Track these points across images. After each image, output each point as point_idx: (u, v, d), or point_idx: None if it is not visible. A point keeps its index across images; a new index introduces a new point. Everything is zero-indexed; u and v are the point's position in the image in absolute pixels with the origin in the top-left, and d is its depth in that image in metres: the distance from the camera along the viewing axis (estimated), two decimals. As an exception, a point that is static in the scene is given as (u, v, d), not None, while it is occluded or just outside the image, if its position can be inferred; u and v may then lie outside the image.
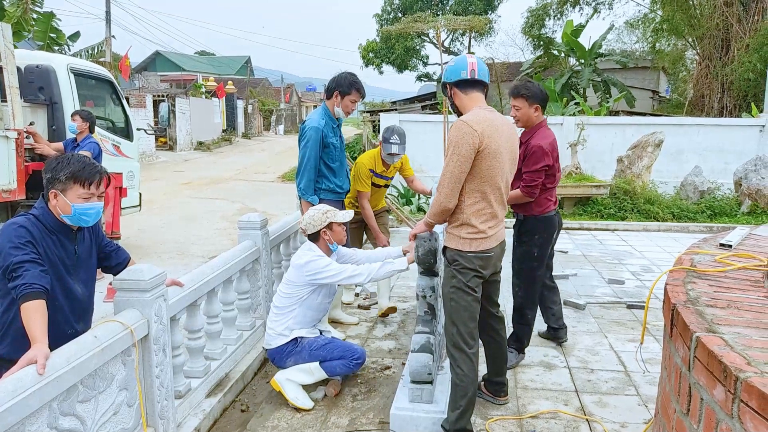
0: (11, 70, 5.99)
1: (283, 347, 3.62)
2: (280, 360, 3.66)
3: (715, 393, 1.54)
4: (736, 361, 1.49)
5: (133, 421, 2.74)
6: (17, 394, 1.98)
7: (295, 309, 3.63)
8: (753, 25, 19.43)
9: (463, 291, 2.94)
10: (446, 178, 2.84)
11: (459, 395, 2.93)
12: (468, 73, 2.98)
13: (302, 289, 3.60)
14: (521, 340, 4.07)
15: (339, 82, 4.25)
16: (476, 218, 2.91)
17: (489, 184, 2.89)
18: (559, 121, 12.08)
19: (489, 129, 2.83)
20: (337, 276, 3.55)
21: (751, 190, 10.18)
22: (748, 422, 1.37)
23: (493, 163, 2.85)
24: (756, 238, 3.03)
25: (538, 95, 3.84)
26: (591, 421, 3.29)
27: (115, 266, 2.83)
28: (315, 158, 4.20)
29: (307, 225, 3.68)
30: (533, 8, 25.63)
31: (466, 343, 2.95)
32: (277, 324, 3.65)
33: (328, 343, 3.65)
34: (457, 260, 2.95)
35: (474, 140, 2.78)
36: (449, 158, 2.83)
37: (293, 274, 3.65)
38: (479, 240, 2.93)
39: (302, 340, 3.62)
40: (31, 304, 2.23)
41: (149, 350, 2.81)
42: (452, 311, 2.98)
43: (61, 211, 2.47)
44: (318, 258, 3.58)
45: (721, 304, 1.95)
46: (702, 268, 2.37)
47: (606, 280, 6.35)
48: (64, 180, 2.43)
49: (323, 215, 3.67)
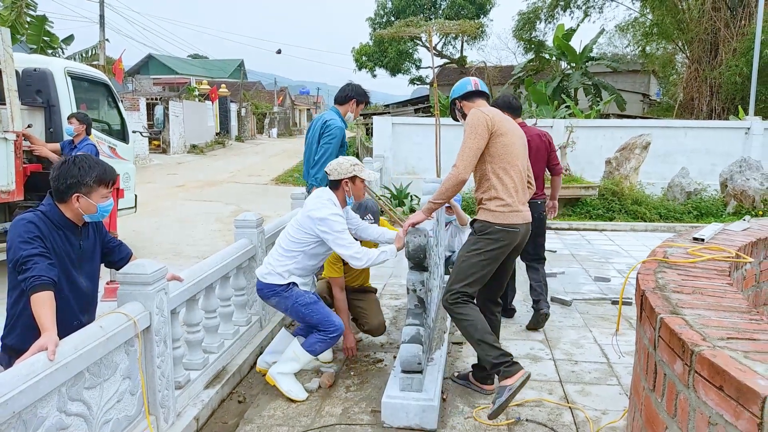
0: (10, 73, 6.10)
1: (275, 286, 3.68)
2: (265, 295, 3.75)
3: (675, 367, 1.69)
4: (693, 337, 1.64)
5: (135, 408, 2.86)
6: (30, 378, 2.11)
7: (300, 255, 3.68)
8: (740, 30, 19.76)
9: (479, 254, 3.34)
10: (465, 152, 3.29)
11: (475, 336, 3.29)
12: (472, 86, 3.59)
13: (311, 238, 3.65)
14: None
15: (357, 91, 4.79)
16: (505, 192, 3.35)
17: (509, 162, 3.36)
18: (549, 124, 12.27)
19: (498, 117, 3.39)
20: (344, 248, 3.56)
21: (736, 191, 10.39)
22: (701, 390, 1.52)
23: (507, 141, 3.35)
24: (728, 233, 3.20)
25: (499, 104, 4.35)
26: (574, 408, 3.45)
27: (117, 261, 2.96)
28: (335, 154, 4.56)
29: (332, 170, 3.71)
30: (523, 11, 25.89)
31: (456, 302, 3.34)
32: (278, 264, 3.70)
33: (313, 303, 3.69)
34: (483, 230, 3.36)
35: (488, 121, 3.31)
36: (468, 136, 3.30)
37: (306, 222, 3.65)
38: (508, 213, 3.34)
39: (293, 289, 3.69)
40: (40, 295, 2.36)
41: (151, 341, 2.93)
42: (462, 270, 3.37)
43: (84, 211, 2.60)
44: (336, 218, 3.58)
45: (687, 290, 2.11)
46: (673, 260, 2.53)
47: (593, 277, 6.52)
48: (92, 184, 2.57)
49: (351, 166, 3.71)
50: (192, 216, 10.99)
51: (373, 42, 30.69)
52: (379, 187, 11.21)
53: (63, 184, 2.55)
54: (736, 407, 1.37)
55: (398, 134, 12.89)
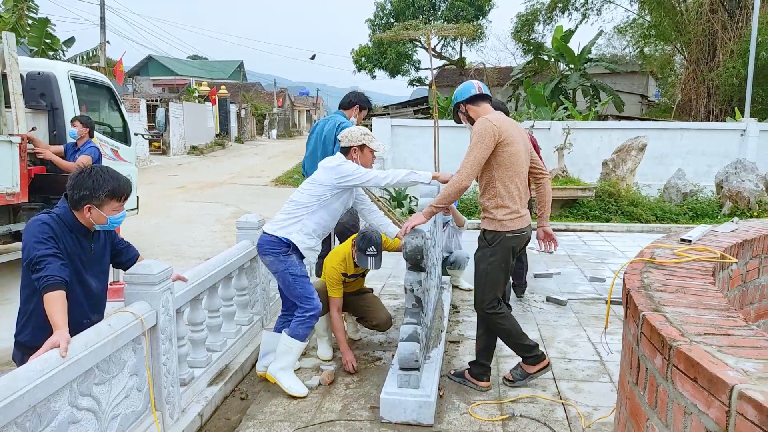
0: (15, 77, 6.21)
1: (275, 243, 3.73)
2: (264, 251, 3.79)
3: (655, 361, 1.79)
4: (672, 333, 1.74)
5: (142, 404, 2.97)
6: (44, 373, 2.21)
7: (312, 207, 3.75)
8: (737, 32, 19.90)
9: (499, 267, 3.59)
10: (470, 160, 3.41)
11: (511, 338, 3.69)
12: (476, 90, 3.69)
13: (327, 191, 3.74)
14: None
15: (360, 98, 5.18)
16: (511, 200, 3.52)
17: (514, 170, 3.52)
18: (546, 126, 12.40)
19: (505, 125, 3.50)
20: (365, 177, 3.71)
21: (732, 192, 10.51)
22: (678, 382, 1.63)
23: (513, 150, 3.48)
24: (716, 235, 3.30)
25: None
26: (566, 404, 3.55)
27: (125, 262, 3.06)
28: None
29: (343, 137, 3.89)
30: (522, 13, 26.02)
31: (493, 307, 3.63)
32: (287, 218, 3.76)
33: (302, 276, 3.77)
34: (496, 240, 3.55)
35: (495, 132, 3.42)
36: (474, 145, 3.42)
37: (321, 175, 3.79)
38: (514, 220, 3.53)
39: (291, 256, 3.74)
40: (53, 294, 2.46)
41: (157, 339, 3.04)
42: (486, 284, 3.62)
43: (95, 222, 2.70)
44: (348, 162, 3.79)
45: (670, 289, 2.21)
46: (660, 260, 2.63)
47: (588, 278, 6.63)
48: (104, 197, 2.66)
49: (361, 134, 3.87)
50: (192, 217, 11.09)
51: (372, 44, 30.79)
52: (379, 189, 11.31)
53: (77, 194, 2.64)
54: (707, 397, 1.47)
55: (397, 136, 13.02)
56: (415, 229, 3.53)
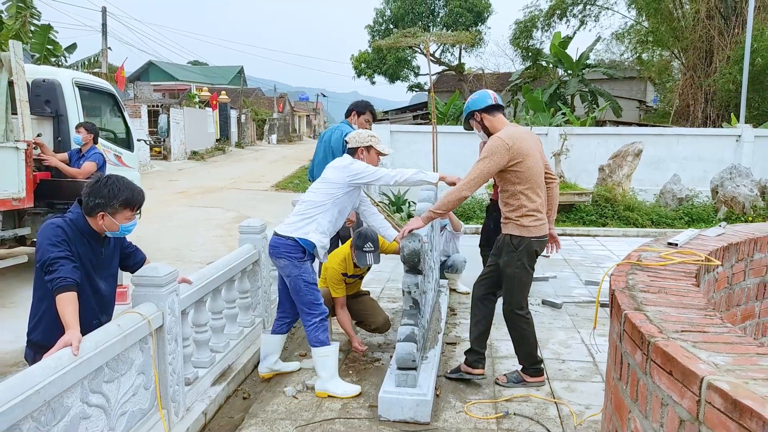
0: (21, 85, 6.33)
1: (293, 246, 3.77)
2: (279, 253, 3.81)
3: (636, 357, 1.91)
4: (651, 330, 1.86)
5: (148, 402, 3.08)
6: (58, 371, 2.32)
7: (326, 205, 3.82)
8: (734, 38, 20.06)
9: (526, 270, 3.78)
10: (476, 173, 3.59)
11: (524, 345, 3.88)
12: (492, 100, 3.82)
13: (339, 189, 3.83)
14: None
15: (355, 104, 5.43)
16: (535, 209, 3.69)
17: (535, 181, 3.69)
18: (543, 132, 12.52)
19: (519, 140, 3.62)
20: (376, 175, 3.82)
21: (727, 198, 10.63)
22: (655, 376, 1.74)
23: (531, 163, 3.64)
24: (703, 239, 3.42)
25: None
26: (559, 403, 3.67)
27: (133, 265, 3.18)
28: None
29: (351, 138, 4.03)
30: (520, 20, 26.20)
31: (522, 309, 3.83)
32: (302, 218, 3.82)
33: (314, 284, 3.87)
34: (521, 245, 3.71)
35: (506, 152, 3.56)
36: (484, 160, 3.58)
37: (331, 174, 3.89)
38: (540, 226, 3.73)
39: (306, 263, 3.82)
40: (65, 295, 2.57)
41: (163, 339, 3.15)
42: (515, 286, 3.81)
43: (107, 229, 2.81)
44: (358, 161, 3.91)
45: (653, 290, 2.32)
46: (646, 263, 2.75)
47: (583, 281, 6.74)
48: (117, 207, 2.76)
49: (368, 136, 4.01)
50: (193, 222, 11.20)
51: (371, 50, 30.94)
52: (378, 194, 11.43)
53: (92, 202, 2.75)
54: (681, 388, 1.59)
55: (397, 141, 13.14)
56: (413, 233, 3.65)
